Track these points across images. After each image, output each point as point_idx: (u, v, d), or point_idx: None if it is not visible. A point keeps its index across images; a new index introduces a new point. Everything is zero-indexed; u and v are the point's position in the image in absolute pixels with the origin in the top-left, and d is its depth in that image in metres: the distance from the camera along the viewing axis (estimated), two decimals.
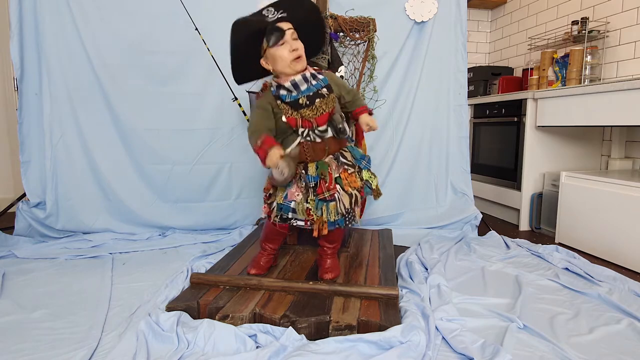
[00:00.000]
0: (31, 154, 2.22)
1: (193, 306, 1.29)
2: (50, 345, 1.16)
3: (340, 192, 1.39)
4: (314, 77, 1.39)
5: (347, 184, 1.40)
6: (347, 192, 1.39)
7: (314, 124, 1.37)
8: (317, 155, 1.42)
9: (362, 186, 1.45)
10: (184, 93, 2.27)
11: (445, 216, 2.45)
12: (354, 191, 1.40)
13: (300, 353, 1.07)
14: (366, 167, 1.48)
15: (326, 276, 1.47)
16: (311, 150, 1.41)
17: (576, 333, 1.25)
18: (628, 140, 2.51)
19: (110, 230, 2.26)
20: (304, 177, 1.40)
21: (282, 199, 1.41)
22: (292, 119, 1.37)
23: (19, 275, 1.68)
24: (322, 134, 1.40)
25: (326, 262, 1.51)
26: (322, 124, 1.39)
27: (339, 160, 1.44)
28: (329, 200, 1.37)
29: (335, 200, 1.37)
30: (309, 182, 1.39)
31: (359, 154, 1.49)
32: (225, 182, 2.37)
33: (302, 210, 1.39)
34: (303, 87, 1.38)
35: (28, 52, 2.14)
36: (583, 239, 2.13)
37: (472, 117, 3.12)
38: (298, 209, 1.39)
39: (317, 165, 1.40)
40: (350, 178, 1.42)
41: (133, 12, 2.18)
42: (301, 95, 1.37)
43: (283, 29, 1.36)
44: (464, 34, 2.43)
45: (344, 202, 1.38)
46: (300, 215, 1.39)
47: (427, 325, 1.21)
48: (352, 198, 1.40)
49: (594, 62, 2.62)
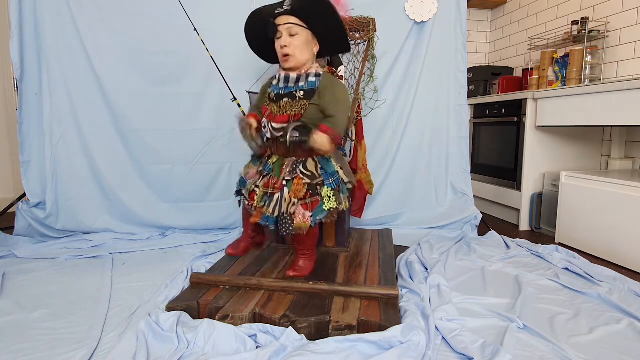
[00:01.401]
0: (31, 154, 2.22)
1: (193, 306, 1.29)
2: (50, 345, 1.16)
3: (285, 195, 1.37)
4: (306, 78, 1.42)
5: (293, 190, 1.37)
6: (289, 197, 1.37)
7: (273, 117, 1.42)
8: (279, 151, 1.46)
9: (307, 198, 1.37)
10: (184, 93, 2.27)
11: (445, 216, 2.45)
12: (294, 199, 1.37)
13: (300, 353, 1.07)
14: (330, 185, 1.40)
15: (289, 273, 1.47)
16: (275, 144, 1.46)
17: (576, 333, 1.25)
18: (628, 140, 2.51)
19: (110, 230, 2.26)
20: (264, 162, 1.48)
21: (245, 173, 1.52)
22: (265, 108, 1.48)
23: (19, 275, 1.68)
24: (275, 132, 1.42)
25: (298, 261, 1.52)
26: (279, 122, 1.41)
27: (298, 166, 1.40)
28: (270, 196, 1.40)
29: (274, 200, 1.38)
30: (264, 170, 1.46)
31: (332, 169, 1.43)
32: (225, 182, 2.37)
33: (248, 190, 1.47)
34: (281, 85, 1.46)
35: (28, 52, 2.14)
36: (583, 239, 2.13)
37: (472, 117, 3.12)
38: (247, 187, 1.48)
39: (276, 160, 1.46)
40: (298, 187, 1.37)
41: (133, 12, 2.18)
42: (276, 90, 1.45)
43: (276, 23, 1.39)
44: (464, 34, 2.43)
45: (281, 205, 1.37)
46: (246, 193, 1.48)
47: (427, 325, 1.21)
48: (290, 205, 1.36)
49: (594, 62, 2.62)
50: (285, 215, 1.36)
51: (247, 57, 2.24)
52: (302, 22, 1.41)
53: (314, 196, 1.38)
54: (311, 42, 1.45)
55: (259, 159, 1.52)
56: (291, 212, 1.36)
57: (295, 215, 1.36)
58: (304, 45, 1.42)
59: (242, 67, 2.22)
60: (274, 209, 1.37)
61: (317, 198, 1.38)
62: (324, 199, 1.39)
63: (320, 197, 1.38)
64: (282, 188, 1.38)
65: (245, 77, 2.13)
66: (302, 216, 1.37)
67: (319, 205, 1.38)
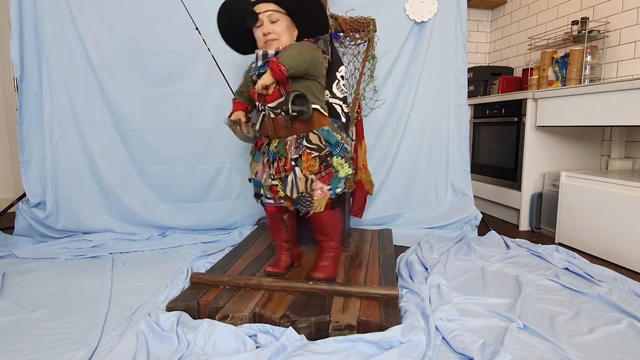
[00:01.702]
0: (31, 154, 2.22)
1: (193, 306, 1.29)
2: (50, 345, 1.16)
3: (298, 174, 1.35)
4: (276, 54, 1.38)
5: (305, 167, 1.35)
6: (304, 175, 1.35)
7: (264, 100, 1.38)
8: (279, 132, 1.40)
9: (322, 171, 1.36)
10: (184, 93, 2.26)
11: (445, 216, 2.45)
12: (310, 175, 1.35)
13: (300, 353, 1.07)
14: (339, 154, 1.39)
15: (313, 274, 1.43)
16: (271, 125, 1.40)
17: (576, 333, 1.25)
18: (628, 140, 2.51)
19: (110, 230, 2.26)
20: (266, 151, 1.43)
21: (253, 174, 1.46)
22: (252, 92, 1.43)
23: (19, 275, 1.68)
24: (273, 110, 1.38)
25: (322, 260, 1.48)
26: (272, 101, 1.36)
27: (302, 142, 1.37)
28: (284, 179, 1.37)
29: (289, 182, 1.36)
30: (269, 157, 1.41)
31: (335, 139, 1.40)
32: (225, 182, 2.37)
33: (267, 187, 1.42)
34: (259, 63, 1.41)
35: (28, 52, 2.14)
36: (583, 239, 2.13)
37: (472, 117, 3.12)
38: (264, 185, 1.42)
39: (278, 143, 1.41)
40: (310, 162, 1.35)
41: (133, 12, 2.18)
42: (256, 71, 1.41)
43: (256, 12, 1.37)
44: (464, 34, 2.43)
45: (298, 185, 1.35)
46: (266, 191, 1.43)
47: (427, 325, 1.21)
48: (307, 182, 1.35)
49: (594, 62, 2.62)
50: (305, 193, 1.35)
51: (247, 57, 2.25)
52: (281, 7, 1.40)
53: (327, 168, 1.37)
54: (291, 27, 1.44)
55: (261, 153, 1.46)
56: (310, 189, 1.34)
57: (314, 190, 1.35)
58: (285, 30, 1.41)
59: (242, 67, 2.20)
60: (291, 191, 1.36)
61: (330, 169, 1.37)
62: (337, 167, 1.38)
63: (333, 167, 1.37)
64: (293, 168, 1.36)
65: None
66: (320, 191, 1.36)
67: (335, 176, 1.37)
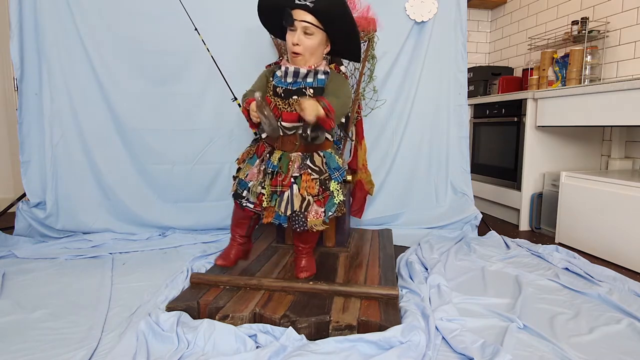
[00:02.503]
0: (31, 154, 2.21)
1: (193, 306, 1.29)
2: (50, 345, 1.16)
3: (295, 192, 1.36)
4: (314, 74, 1.38)
5: (304, 187, 1.36)
6: (301, 195, 1.36)
7: (280, 116, 1.37)
8: (285, 146, 1.41)
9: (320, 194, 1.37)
10: (184, 93, 2.26)
11: (445, 216, 2.45)
12: (308, 196, 1.36)
13: (300, 353, 1.07)
14: (337, 179, 1.41)
15: (301, 275, 1.46)
16: (280, 140, 1.41)
17: (576, 333, 1.25)
18: (628, 140, 2.51)
19: (110, 230, 2.26)
20: (266, 160, 1.42)
21: (244, 175, 1.44)
22: (269, 100, 1.41)
23: (19, 275, 1.68)
24: (285, 130, 1.38)
25: (301, 262, 1.51)
26: (288, 121, 1.36)
27: (305, 162, 1.39)
28: (279, 194, 1.37)
29: (285, 199, 1.36)
30: (267, 167, 1.40)
31: (336, 164, 1.43)
32: (225, 182, 2.37)
33: (254, 193, 1.42)
34: (289, 80, 1.39)
35: (28, 52, 2.14)
36: (583, 239, 2.13)
37: (472, 117, 3.12)
38: (252, 190, 1.41)
39: (281, 156, 1.40)
40: (310, 183, 1.37)
41: (133, 12, 2.18)
42: (283, 85, 1.39)
43: (293, 16, 1.33)
44: (464, 34, 2.43)
45: (293, 203, 1.36)
46: (252, 197, 1.42)
47: (427, 325, 1.21)
48: (303, 202, 1.36)
49: (594, 62, 2.62)
50: (299, 212, 1.36)
51: (247, 57, 2.25)
52: (319, 22, 1.35)
53: (325, 191, 1.38)
54: (324, 43, 1.41)
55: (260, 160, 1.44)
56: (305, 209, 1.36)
57: (309, 212, 1.36)
58: (317, 46, 1.38)
59: (242, 67, 2.21)
60: (286, 208, 1.36)
61: (327, 193, 1.38)
62: (333, 192, 1.39)
63: (330, 191, 1.39)
64: (291, 185, 1.37)
65: (246, 77, 2.11)
66: (314, 213, 1.37)
67: (330, 200, 1.39)
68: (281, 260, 1.68)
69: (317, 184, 1.37)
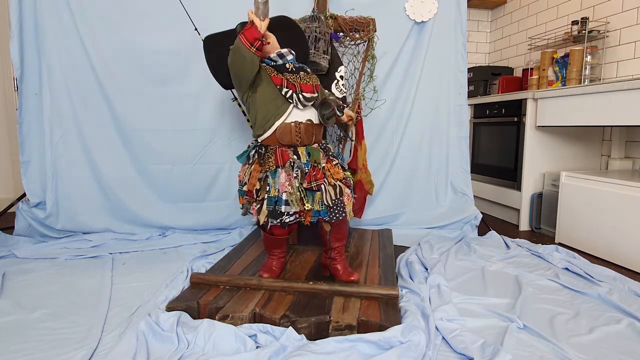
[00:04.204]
0: (31, 154, 2.22)
1: (193, 306, 1.29)
2: (50, 345, 1.16)
3: (325, 182, 1.36)
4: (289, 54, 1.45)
5: (330, 175, 1.37)
6: (331, 184, 1.36)
7: (298, 87, 1.38)
8: (307, 138, 1.40)
9: (345, 178, 1.42)
10: (184, 93, 2.26)
11: (445, 216, 2.45)
12: (337, 182, 1.37)
13: (300, 353, 1.07)
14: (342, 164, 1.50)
15: (352, 278, 1.44)
16: (303, 130, 1.39)
17: (576, 333, 1.25)
18: (628, 140, 2.51)
19: (110, 230, 2.26)
20: (297, 163, 1.35)
21: (275, 191, 1.33)
22: (277, 78, 1.38)
23: (19, 275, 1.68)
24: (306, 101, 1.39)
25: (340, 267, 1.48)
26: (308, 92, 1.40)
27: (326, 150, 1.43)
28: (315, 190, 1.34)
29: (321, 191, 1.34)
30: (304, 168, 1.35)
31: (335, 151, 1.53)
32: (225, 182, 2.37)
33: (296, 200, 1.33)
34: (289, 57, 1.43)
35: (28, 52, 2.14)
36: (583, 239, 2.13)
37: (472, 117, 3.12)
38: (291, 199, 1.33)
39: (309, 152, 1.38)
40: (334, 169, 1.39)
41: (133, 12, 2.17)
42: (287, 61, 1.43)
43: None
44: (464, 34, 2.43)
45: (330, 193, 1.35)
46: (294, 205, 1.33)
47: (427, 325, 1.21)
48: (335, 189, 1.36)
49: (594, 62, 2.62)
50: (336, 200, 1.36)
51: None
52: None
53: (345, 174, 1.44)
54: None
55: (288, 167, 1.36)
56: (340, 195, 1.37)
57: (343, 196, 1.37)
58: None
59: None
60: (325, 199, 1.34)
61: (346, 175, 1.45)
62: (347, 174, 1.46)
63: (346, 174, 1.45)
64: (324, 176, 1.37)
65: None
66: (347, 196, 1.39)
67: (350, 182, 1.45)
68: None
69: (340, 168, 1.43)
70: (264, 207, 1.35)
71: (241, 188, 1.41)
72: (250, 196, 1.38)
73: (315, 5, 1.98)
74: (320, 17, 1.91)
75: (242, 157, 1.45)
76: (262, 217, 1.35)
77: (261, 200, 1.36)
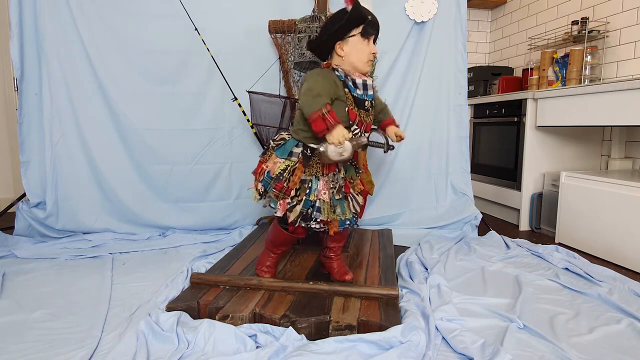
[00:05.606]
0: (31, 154, 2.22)
1: (193, 306, 1.29)
2: (50, 345, 1.16)
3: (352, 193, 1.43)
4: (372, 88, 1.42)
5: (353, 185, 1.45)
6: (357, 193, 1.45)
7: (364, 128, 1.38)
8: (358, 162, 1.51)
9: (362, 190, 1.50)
10: (184, 93, 2.27)
11: (445, 216, 2.45)
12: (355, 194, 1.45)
13: (300, 353, 1.07)
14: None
15: (347, 277, 1.47)
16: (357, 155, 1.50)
17: (576, 333, 1.25)
18: (628, 140, 2.51)
19: (110, 230, 2.26)
20: (338, 174, 1.38)
21: (314, 196, 1.33)
22: (354, 113, 1.34)
23: (19, 275, 1.68)
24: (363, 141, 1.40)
25: (336, 265, 1.51)
26: (368, 131, 1.43)
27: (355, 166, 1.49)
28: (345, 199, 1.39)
29: (349, 201, 1.40)
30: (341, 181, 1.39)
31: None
32: (225, 182, 2.37)
33: (328, 209, 1.35)
34: (369, 92, 1.39)
35: (28, 52, 2.14)
36: (583, 239, 2.13)
37: (472, 117, 3.12)
38: (324, 207, 1.34)
39: (346, 169, 1.44)
40: (357, 180, 1.46)
41: (133, 12, 2.18)
42: (367, 98, 1.38)
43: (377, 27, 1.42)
44: (464, 34, 2.43)
45: (358, 201, 1.43)
46: (325, 213, 1.34)
47: (427, 325, 1.21)
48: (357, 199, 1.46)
49: (594, 62, 2.62)
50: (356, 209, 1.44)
51: (247, 57, 2.25)
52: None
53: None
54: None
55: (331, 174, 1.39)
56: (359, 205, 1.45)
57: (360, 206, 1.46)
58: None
59: (242, 67, 2.21)
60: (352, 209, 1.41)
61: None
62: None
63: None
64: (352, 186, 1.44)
65: (245, 77, 2.13)
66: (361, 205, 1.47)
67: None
68: (281, 260, 1.68)
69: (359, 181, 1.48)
70: (298, 207, 1.34)
71: (267, 179, 1.36)
72: (280, 190, 1.35)
73: (316, 5, 1.98)
74: (320, 17, 1.91)
75: (282, 151, 1.38)
76: (293, 215, 1.35)
77: (299, 201, 1.35)
